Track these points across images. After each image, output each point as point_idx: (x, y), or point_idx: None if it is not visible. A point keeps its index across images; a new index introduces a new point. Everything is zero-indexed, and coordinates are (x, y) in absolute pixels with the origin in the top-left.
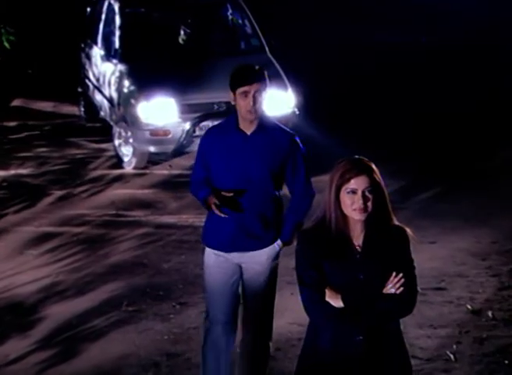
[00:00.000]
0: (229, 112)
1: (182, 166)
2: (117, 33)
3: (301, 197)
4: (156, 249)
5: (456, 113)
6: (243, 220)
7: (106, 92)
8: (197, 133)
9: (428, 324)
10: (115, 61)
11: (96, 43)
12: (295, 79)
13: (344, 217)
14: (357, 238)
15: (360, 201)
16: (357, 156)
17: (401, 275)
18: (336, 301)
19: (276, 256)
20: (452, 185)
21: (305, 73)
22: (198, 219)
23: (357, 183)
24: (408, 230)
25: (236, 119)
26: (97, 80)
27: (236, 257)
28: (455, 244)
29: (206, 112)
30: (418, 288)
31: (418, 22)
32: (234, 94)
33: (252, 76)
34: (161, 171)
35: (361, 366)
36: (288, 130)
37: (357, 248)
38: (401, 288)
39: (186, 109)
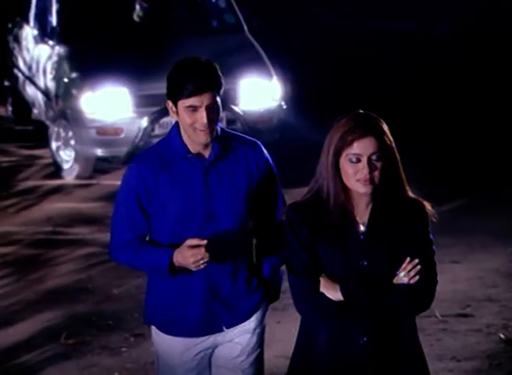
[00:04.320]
0: None
1: None
2: (54, 7)
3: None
4: (104, 272)
5: (460, 113)
6: (215, 285)
7: (41, 83)
8: (157, 131)
9: (450, 356)
10: (51, 42)
11: (27, 21)
12: (282, 66)
13: (345, 189)
14: (362, 215)
15: (366, 171)
16: (361, 111)
17: (417, 261)
18: (334, 293)
19: (264, 316)
20: (477, 195)
21: (296, 62)
22: None
23: (362, 147)
24: (427, 205)
25: (181, 140)
26: (29, 68)
27: (210, 340)
28: (484, 264)
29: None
30: (438, 314)
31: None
32: (175, 105)
33: (203, 81)
34: (112, 181)
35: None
36: (249, 138)
37: (361, 227)
38: (416, 277)
39: (143, 102)
